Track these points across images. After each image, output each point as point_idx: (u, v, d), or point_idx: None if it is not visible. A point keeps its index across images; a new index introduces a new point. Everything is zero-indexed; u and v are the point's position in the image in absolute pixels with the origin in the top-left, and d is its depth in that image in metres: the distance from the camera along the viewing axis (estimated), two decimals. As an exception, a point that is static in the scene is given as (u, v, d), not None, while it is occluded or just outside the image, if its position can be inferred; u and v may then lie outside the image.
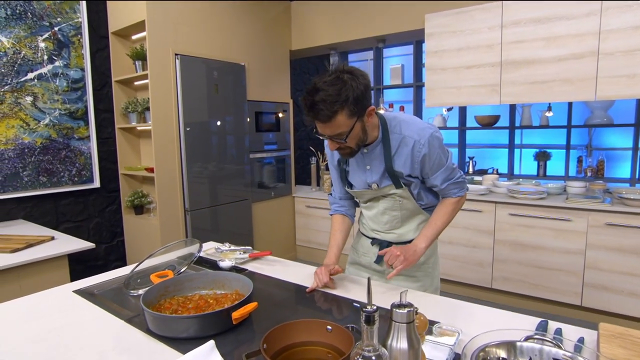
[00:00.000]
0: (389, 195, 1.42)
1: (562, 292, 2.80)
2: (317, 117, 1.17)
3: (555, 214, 2.74)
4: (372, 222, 1.53)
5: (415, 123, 1.34)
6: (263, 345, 0.87)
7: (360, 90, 1.16)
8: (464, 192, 1.45)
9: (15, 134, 2.72)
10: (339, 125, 1.17)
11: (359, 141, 1.26)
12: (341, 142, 1.23)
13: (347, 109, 1.15)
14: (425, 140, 1.30)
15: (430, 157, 1.32)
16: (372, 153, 1.37)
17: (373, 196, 1.46)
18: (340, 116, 1.15)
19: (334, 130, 1.19)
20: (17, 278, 1.90)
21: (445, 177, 1.38)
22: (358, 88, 1.15)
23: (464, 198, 1.46)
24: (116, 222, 3.33)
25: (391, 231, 1.49)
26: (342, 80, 1.15)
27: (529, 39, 2.81)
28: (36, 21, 2.78)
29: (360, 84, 1.16)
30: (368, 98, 1.20)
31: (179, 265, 1.52)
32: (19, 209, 2.78)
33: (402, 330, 0.75)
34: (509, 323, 1.13)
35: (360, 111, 1.19)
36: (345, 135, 1.20)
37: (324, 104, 1.13)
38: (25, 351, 1.00)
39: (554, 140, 4.12)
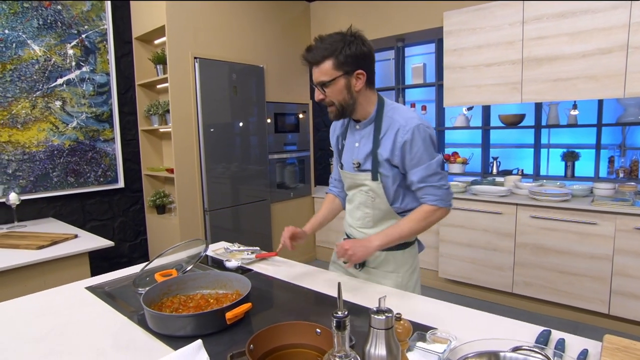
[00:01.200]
0: (363, 186, 1.42)
1: (588, 300, 2.67)
2: (307, 58, 1.29)
3: (580, 217, 2.62)
4: (349, 216, 1.54)
5: (407, 112, 1.36)
6: (250, 346, 0.89)
7: (355, 51, 1.25)
8: (444, 205, 1.35)
9: (45, 137, 2.87)
10: (324, 71, 1.26)
11: (342, 100, 1.31)
12: (323, 93, 1.30)
13: (336, 59, 1.24)
14: (409, 127, 1.30)
15: (412, 148, 1.31)
16: (363, 130, 1.41)
17: (352, 183, 1.47)
18: (327, 63, 1.25)
19: (319, 75, 1.28)
20: (42, 273, 2.01)
21: (424, 175, 1.32)
22: (354, 48, 1.24)
23: (441, 211, 1.36)
24: (139, 221, 3.46)
25: (362, 230, 1.48)
26: (343, 36, 1.26)
27: (552, 34, 2.70)
28: (65, 29, 2.93)
29: (358, 46, 1.25)
30: (361, 64, 1.27)
31: (186, 264, 1.56)
32: (49, 208, 2.94)
33: (381, 337, 0.74)
34: (510, 331, 1.09)
35: (348, 68, 1.26)
36: (326, 83, 1.28)
37: (317, 48, 1.26)
38: (29, 346, 1.05)
39: (583, 140, 3.94)
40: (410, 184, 1.37)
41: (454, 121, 4.42)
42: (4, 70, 2.68)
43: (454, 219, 3.15)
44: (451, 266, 3.23)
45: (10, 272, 1.89)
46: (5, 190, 2.69)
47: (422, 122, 1.31)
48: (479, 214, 3.02)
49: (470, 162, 4.44)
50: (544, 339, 1.03)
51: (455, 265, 3.20)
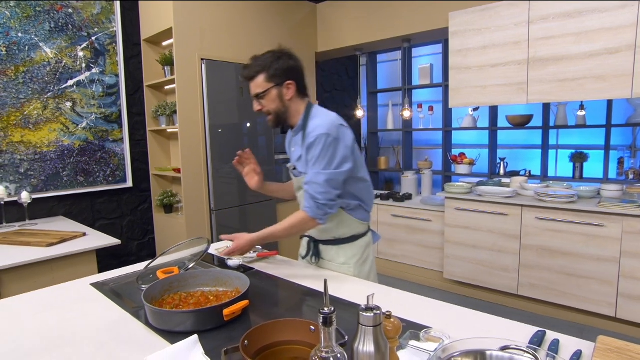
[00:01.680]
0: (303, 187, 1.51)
1: (595, 302, 2.64)
2: (244, 73, 1.46)
3: (586, 218, 2.59)
4: None
5: (323, 118, 1.44)
6: (244, 342, 0.91)
7: (283, 65, 1.43)
8: (313, 215, 1.42)
9: (56, 137, 2.94)
10: (258, 84, 1.43)
11: (276, 109, 1.46)
12: (260, 104, 1.47)
13: (267, 73, 1.42)
14: (315, 134, 1.40)
15: (309, 152, 1.43)
16: (297, 137, 1.54)
17: (297, 185, 1.59)
18: (260, 77, 1.43)
19: (254, 89, 1.45)
20: (51, 270, 2.06)
21: (308, 180, 1.43)
22: (282, 62, 1.43)
23: (313, 221, 1.43)
24: (147, 220, 3.51)
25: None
26: (273, 53, 1.45)
27: (558, 34, 2.68)
28: (76, 32, 2.99)
29: (286, 61, 1.44)
30: (290, 76, 1.44)
31: (188, 262, 1.59)
32: (60, 207, 3.00)
33: (369, 334, 0.75)
34: (505, 331, 1.10)
35: (278, 80, 1.43)
36: (261, 95, 1.44)
37: (251, 66, 1.44)
38: (34, 339, 1.09)
39: (592, 141, 3.89)
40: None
41: (461, 122, 4.40)
42: (17, 73, 2.75)
43: (460, 220, 3.15)
44: (456, 267, 3.22)
45: (21, 268, 1.95)
46: (17, 189, 2.76)
47: (329, 131, 1.38)
48: (485, 215, 3.00)
49: (477, 163, 4.41)
50: (538, 340, 1.03)
51: (461, 267, 3.19)
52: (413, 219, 3.47)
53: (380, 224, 3.69)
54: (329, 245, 1.58)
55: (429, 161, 4.26)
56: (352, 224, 1.55)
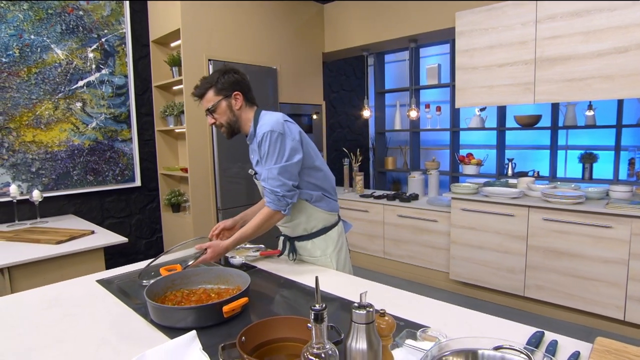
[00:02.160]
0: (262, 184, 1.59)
1: (602, 305, 2.61)
2: (195, 92, 1.58)
3: (594, 219, 2.56)
4: None
5: (268, 118, 1.55)
6: (241, 338, 0.92)
7: (229, 78, 1.55)
8: (276, 208, 1.51)
9: (67, 137, 3.00)
10: (208, 100, 1.56)
11: (227, 120, 1.58)
12: (213, 117, 1.58)
13: (215, 87, 1.54)
14: (261, 132, 1.51)
15: (260, 150, 1.53)
16: (252, 144, 1.65)
17: (261, 188, 1.64)
18: (209, 93, 1.55)
19: (206, 104, 1.57)
20: (60, 267, 2.10)
21: (265, 177, 1.52)
22: (227, 77, 1.55)
23: (274, 214, 1.52)
24: (155, 219, 3.56)
25: (284, 225, 1.68)
26: (219, 71, 1.57)
27: (566, 33, 2.65)
28: (86, 34, 3.05)
29: (231, 75, 1.56)
30: (236, 88, 1.56)
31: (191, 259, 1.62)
32: (70, 205, 3.06)
33: (362, 331, 0.76)
34: (503, 331, 1.10)
35: (226, 93, 1.55)
36: (212, 108, 1.55)
37: (200, 86, 1.57)
38: (39, 333, 1.12)
39: (602, 141, 3.84)
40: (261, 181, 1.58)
41: (468, 122, 4.38)
42: (30, 74, 2.81)
43: (466, 221, 3.13)
44: (462, 268, 3.20)
45: (31, 264, 2.00)
46: (29, 188, 2.83)
47: (273, 128, 1.49)
48: (491, 215, 2.99)
49: (485, 163, 4.38)
50: (536, 340, 1.03)
51: (467, 267, 3.17)
52: (419, 220, 3.47)
53: (386, 224, 3.68)
54: (303, 240, 1.67)
55: (436, 161, 4.24)
56: (321, 216, 1.64)
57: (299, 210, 1.61)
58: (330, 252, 1.65)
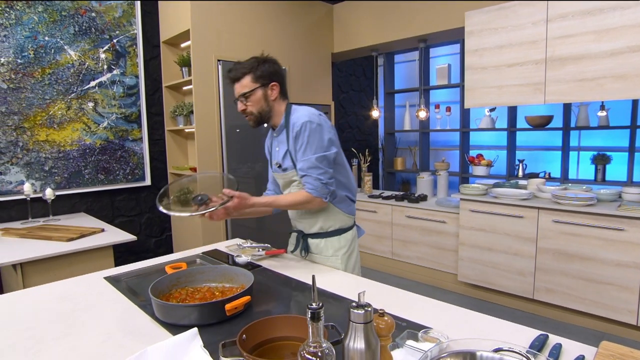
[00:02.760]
0: (294, 181, 1.60)
1: (614, 309, 2.56)
2: (230, 76, 1.53)
3: (606, 222, 2.52)
4: (290, 211, 1.71)
5: (303, 111, 1.55)
6: (242, 336, 0.93)
7: (268, 69, 1.52)
8: (318, 194, 1.51)
9: (79, 136, 3.05)
10: (244, 85, 1.51)
11: (260, 109, 1.54)
12: (245, 103, 1.53)
13: (253, 74, 1.50)
14: (299, 123, 1.50)
15: (297, 141, 1.51)
16: (280, 136, 1.62)
17: (283, 180, 1.64)
18: (246, 78, 1.51)
19: (240, 89, 1.52)
20: (70, 264, 2.14)
21: (304, 167, 1.51)
22: (266, 66, 1.51)
23: (317, 200, 1.52)
24: (165, 218, 3.60)
25: (303, 220, 1.67)
26: (256, 59, 1.53)
27: (578, 32, 2.60)
28: (98, 35, 3.10)
29: (270, 65, 1.53)
30: (274, 78, 1.53)
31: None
32: (81, 203, 3.12)
33: (360, 331, 0.76)
34: (506, 334, 1.09)
35: (263, 81, 1.52)
36: (247, 94, 1.51)
37: (237, 68, 1.52)
38: (47, 327, 1.14)
39: (616, 142, 3.76)
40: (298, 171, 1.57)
41: (479, 122, 4.33)
42: (44, 74, 2.87)
43: (475, 222, 3.10)
44: (471, 270, 3.17)
45: (43, 261, 2.04)
46: (42, 186, 2.89)
47: (311, 119, 1.49)
48: (500, 217, 2.95)
49: (495, 164, 4.33)
50: (540, 343, 1.02)
51: (475, 269, 3.14)
52: (427, 220, 3.44)
53: (395, 224, 3.67)
54: (317, 238, 1.66)
55: (446, 162, 4.21)
56: (340, 217, 1.64)
57: (323, 209, 1.62)
58: (342, 254, 1.65)
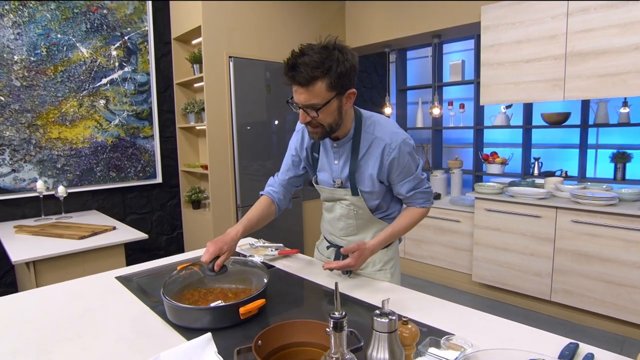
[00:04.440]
0: (343, 200, 1.40)
1: (637, 313, 2.48)
2: (295, 78, 1.11)
3: (628, 222, 2.43)
4: (330, 226, 1.53)
5: (389, 126, 1.31)
6: (258, 342, 0.90)
7: (346, 67, 1.12)
8: (430, 204, 1.42)
9: (90, 134, 3.05)
10: (316, 93, 1.12)
11: (332, 122, 1.20)
12: (313, 115, 1.17)
13: (328, 79, 1.11)
14: (396, 144, 1.27)
15: (399, 163, 1.30)
16: (342, 148, 1.34)
17: (330, 196, 1.44)
18: (320, 84, 1.11)
19: (310, 98, 1.13)
20: (82, 262, 2.14)
21: (413, 186, 1.36)
22: (344, 64, 1.12)
23: (428, 210, 1.43)
24: (176, 216, 3.59)
25: (346, 238, 1.49)
26: (330, 51, 1.11)
27: (600, 26, 2.52)
28: (110, 32, 3.09)
29: (347, 60, 1.13)
30: (352, 79, 1.17)
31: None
32: (93, 201, 3.12)
33: (384, 340, 0.73)
34: (533, 342, 1.03)
35: (341, 88, 1.15)
36: (319, 107, 1.14)
37: (305, 67, 1.09)
38: (58, 327, 1.12)
39: (636, 140, 3.65)
40: (398, 194, 1.40)
41: (493, 120, 4.24)
42: (56, 72, 2.87)
43: (490, 222, 3.03)
44: (486, 270, 3.11)
45: (55, 259, 2.04)
46: (54, 183, 2.89)
47: (405, 135, 1.31)
48: (516, 216, 2.88)
49: (509, 162, 4.24)
50: (570, 353, 0.97)
51: (490, 270, 3.08)
52: (441, 220, 3.38)
53: (407, 223, 3.61)
54: None
55: (459, 160, 4.13)
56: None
57: (371, 223, 1.43)
58: (389, 267, 1.49)
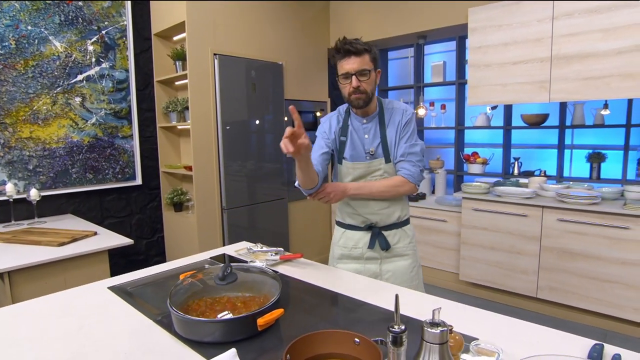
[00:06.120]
0: (377, 171, 1.62)
1: (619, 307, 2.57)
2: (352, 47, 1.46)
3: (611, 220, 2.52)
4: (362, 207, 1.65)
5: (398, 101, 1.69)
6: (286, 355, 0.84)
7: (377, 54, 1.54)
8: (413, 181, 1.59)
9: (65, 133, 2.87)
10: (365, 62, 1.48)
11: (371, 90, 1.53)
12: (364, 80, 1.49)
13: (371, 55, 1.50)
14: (410, 112, 1.62)
15: (406, 127, 1.60)
16: (370, 123, 1.63)
17: (364, 172, 1.63)
18: (367, 56, 1.49)
19: (362, 64, 1.47)
20: (63, 271, 1.99)
21: (406, 152, 1.59)
22: (376, 51, 1.54)
23: (410, 186, 1.59)
24: (157, 219, 3.44)
25: (379, 211, 1.64)
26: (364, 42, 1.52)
27: (584, 31, 2.59)
28: (86, 25, 2.92)
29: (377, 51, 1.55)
30: (379, 65, 1.57)
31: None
32: (68, 204, 2.94)
33: (435, 352, 0.68)
34: (556, 344, 1.03)
35: (376, 65, 1.54)
36: (368, 72, 1.48)
37: (357, 44, 1.47)
38: (55, 346, 1.02)
39: (610, 141, 3.81)
40: (394, 157, 1.62)
41: (474, 120, 4.32)
42: (27, 67, 2.68)
43: (477, 221, 3.07)
44: (473, 269, 3.15)
45: (32, 268, 1.88)
46: (26, 186, 2.70)
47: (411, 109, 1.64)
48: (503, 215, 2.93)
49: (490, 162, 4.33)
50: (598, 354, 0.96)
51: (477, 269, 3.12)
52: (428, 219, 3.40)
53: (394, 224, 3.61)
54: (393, 229, 1.66)
55: (440, 160, 4.18)
56: (407, 205, 1.73)
57: (399, 198, 1.65)
58: (414, 241, 1.72)
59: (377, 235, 1.64)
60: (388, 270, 1.67)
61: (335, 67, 1.57)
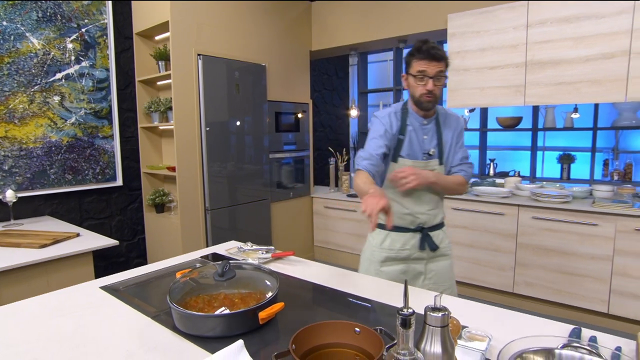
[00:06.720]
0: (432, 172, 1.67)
1: (589, 299, 2.72)
2: (435, 52, 1.53)
3: (581, 218, 2.67)
4: (413, 205, 1.67)
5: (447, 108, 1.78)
6: (292, 345, 0.87)
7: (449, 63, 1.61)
8: (469, 179, 1.73)
9: (43, 133, 2.79)
10: (442, 67, 1.56)
11: (440, 94, 1.61)
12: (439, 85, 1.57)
13: (446, 63, 1.58)
14: (462, 120, 1.72)
15: (461, 135, 1.72)
16: (430, 125, 1.69)
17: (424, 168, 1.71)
18: (444, 62, 1.57)
19: (439, 67, 1.55)
20: (45, 273, 1.95)
21: (463, 157, 1.72)
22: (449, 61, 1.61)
23: (466, 186, 1.73)
24: (137, 220, 3.39)
25: (428, 212, 1.68)
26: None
27: (556, 38, 2.74)
28: (65, 23, 2.85)
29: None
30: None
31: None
32: (46, 206, 2.85)
33: (437, 334, 0.73)
34: (539, 329, 1.10)
35: (446, 72, 1.60)
36: (441, 77, 1.56)
37: (439, 49, 1.56)
38: (53, 348, 1.01)
39: (578, 143, 4.02)
40: (451, 162, 1.71)
41: (452, 123, 4.46)
42: (2, 64, 2.59)
43: (457, 220, 3.18)
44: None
45: (12, 271, 1.83)
46: (1, 187, 2.61)
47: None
48: (481, 214, 3.05)
49: (467, 163, 4.48)
50: (577, 336, 1.04)
51: (457, 266, 3.20)
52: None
53: (376, 223, 3.68)
54: (437, 229, 1.72)
55: (420, 162, 4.27)
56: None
57: (439, 199, 1.72)
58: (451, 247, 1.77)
59: (426, 237, 1.67)
60: (432, 270, 1.70)
61: (407, 64, 1.61)
